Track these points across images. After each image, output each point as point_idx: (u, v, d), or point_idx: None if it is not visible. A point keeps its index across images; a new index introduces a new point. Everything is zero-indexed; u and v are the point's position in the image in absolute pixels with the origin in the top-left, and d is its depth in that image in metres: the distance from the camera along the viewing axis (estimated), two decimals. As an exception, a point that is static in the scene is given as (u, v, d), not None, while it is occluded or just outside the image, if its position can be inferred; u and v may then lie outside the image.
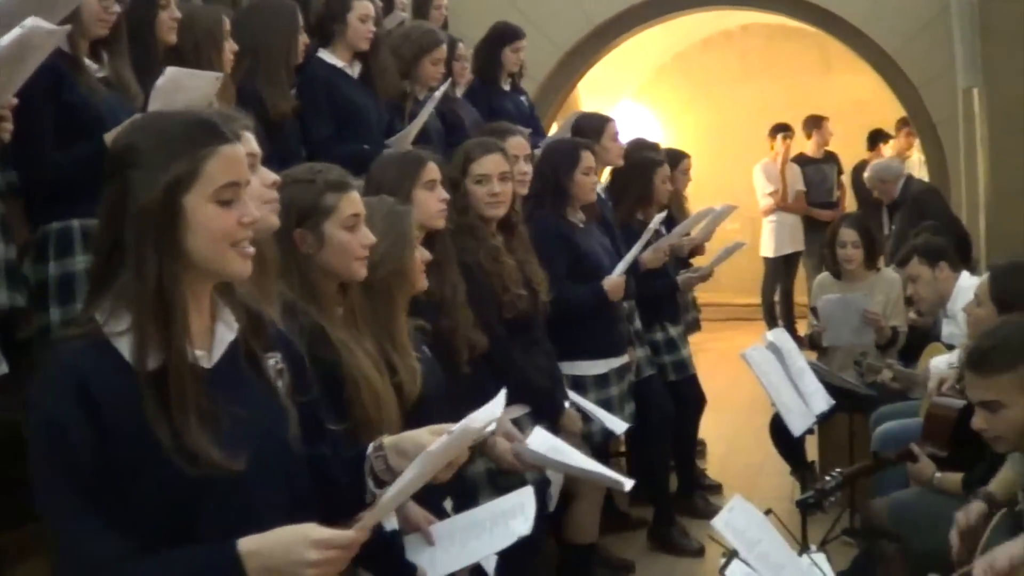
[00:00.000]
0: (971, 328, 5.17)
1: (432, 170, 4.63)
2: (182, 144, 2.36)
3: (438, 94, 6.24)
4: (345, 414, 3.43)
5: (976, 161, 9.63)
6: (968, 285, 6.06)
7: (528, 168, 5.78)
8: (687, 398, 7.47)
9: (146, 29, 4.91)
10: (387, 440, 2.80)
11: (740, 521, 3.60)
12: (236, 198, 2.41)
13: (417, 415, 3.70)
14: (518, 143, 5.72)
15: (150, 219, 2.31)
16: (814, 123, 13.31)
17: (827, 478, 5.14)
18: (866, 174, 10.25)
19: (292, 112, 5.80)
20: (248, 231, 2.42)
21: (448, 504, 4.07)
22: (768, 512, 3.92)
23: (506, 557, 3.55)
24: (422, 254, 4.08)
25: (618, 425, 5.74)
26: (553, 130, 9.71)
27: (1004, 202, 8.80)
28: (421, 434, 2.77)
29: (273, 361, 2.61)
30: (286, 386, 2.63)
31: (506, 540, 3.32)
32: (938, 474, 5.14)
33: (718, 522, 3.52)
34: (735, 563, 3.53)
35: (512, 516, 3.38)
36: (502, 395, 2.83)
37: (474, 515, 3.52)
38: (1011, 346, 3.67)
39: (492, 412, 2.71)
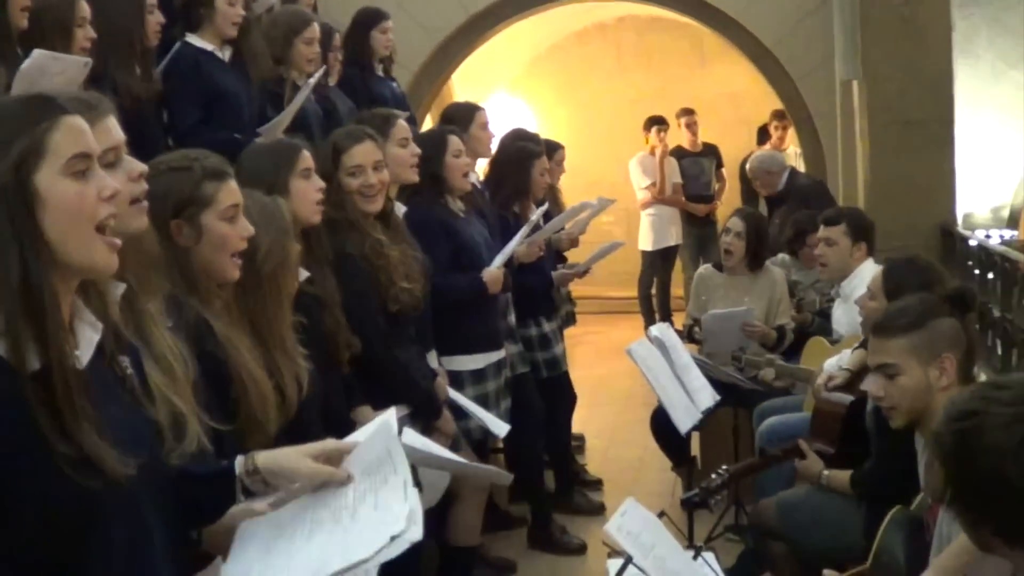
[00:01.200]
0: (865, 321, 5.14)
1: (307, 158, 4.41)
2: (20, 123, 2.17)
3: (312, 80, 6.02)
4: (231, 414, 3.21)
5: (855, 154, 9.65)
6: (866, 272, 6.01)
7: (419, 151, 5.59)
8: (559, 395, 7.36)
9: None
10: (260, 459, 2.61)
11: (634, 525, 3.46)
12: (90, 169, 2.21)
13: (296, 419, 3.57)
14: (404, 127, 5.55)
15: (3, 205, 2.11)
16: (683, 115, 13.26)
17: (712, 476, 5.08)
18: (749, 165, 10.20)
19: (154, 97, 5.58)
20: (110, 207, 2.22)
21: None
22: (661, 514, 3.80)
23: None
24: (297, 248, 3.88)
25: (500, 427, 5.61)
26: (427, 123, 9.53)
27: (883, 195, 8.83)
28: (296, 457, 2.61)
29: (125, 364, 2.41)
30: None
31: (395, 548, 3.12)
32: (826, 471, 5.09)
33: (611, 527, 3.37)
34: (630, 569, 3.39)
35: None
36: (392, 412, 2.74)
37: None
38: (912, 311, 3.68)
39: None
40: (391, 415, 2.82)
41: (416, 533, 2.95)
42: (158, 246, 2.99)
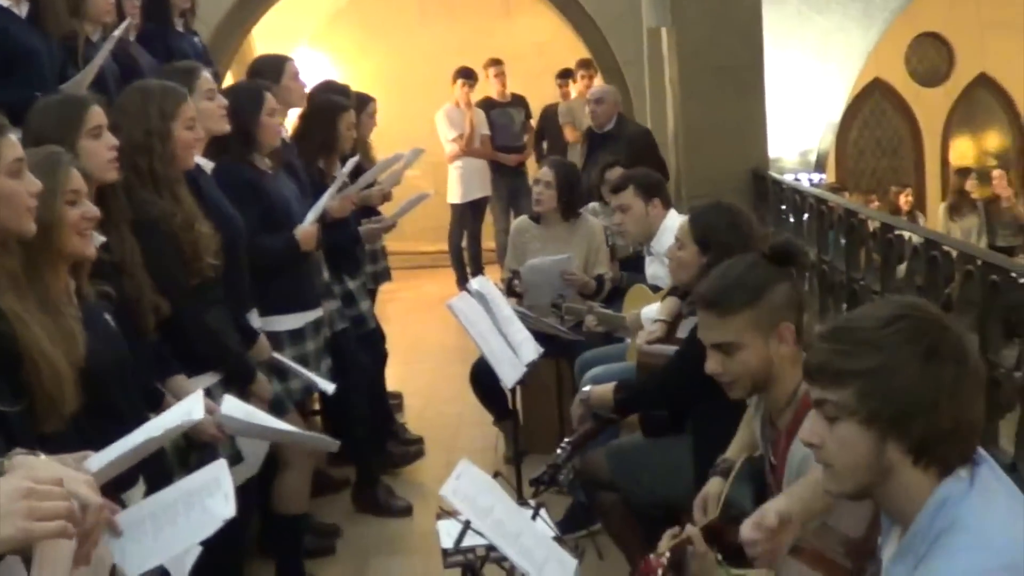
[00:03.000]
0: (674, 271, 5.10)
1: (97, 115, 4.17)
2: None
3: (117, 33, 5.73)
4: (20, 393, 2.99)
5: (664, 101, 9.65)
6: (672, 224, 5.98)
7: (225, 102, 5.37)
8: (369, 353, 7.19)
9: None
10: (18, 461, 2.39)
11: (469, 488, 3.35)
12: None
13: (98, 388, 3.42)
14: (208, 79, 5.33)
15: None
16: (490, 65, 13.16)
17: (557, 452, 5.03)
18: (597, 89, 10.08)
19: None
20: None
21: (139, 490, 3.67)
22: (496, 475, 3.70)
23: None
24: (88, 210, 3.63)
25: (327, 386, 5.46)
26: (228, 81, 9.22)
27: (694, 141, 8.84)
28: (53, 465, 2.39)
29: None
30: None
31: (209, 525, 2.96)
32: (587, 388, 5.16)
33: (447, 490, 3.27)
34: (469, 533, 3.29)
35: (208, 494, 3.03)
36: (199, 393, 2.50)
37: (161, 498, 3.12)
38: (747, 285, 3.54)
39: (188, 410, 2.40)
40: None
41: (226, 508, 2.82)
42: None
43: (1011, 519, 2.32)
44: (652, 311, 5.94)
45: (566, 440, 5.10)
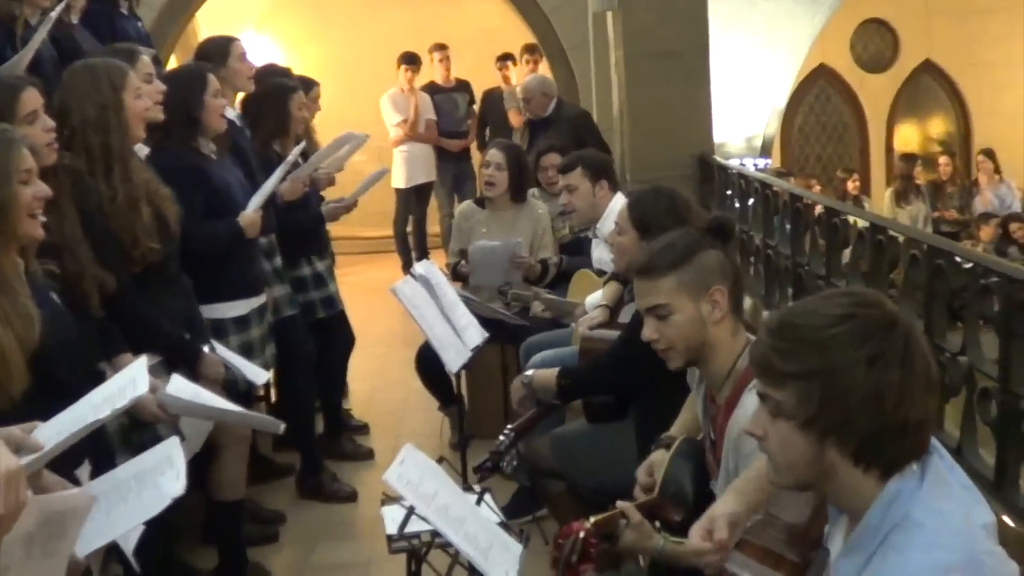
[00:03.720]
0: (617, 258, 5.06)
1: (31, 99, 4.12)
2: None
3: (54, 15, 5.63)
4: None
5: (610, 86, 9.63)
6: (619, 206, 5.96)
7: (163, 88, 5.31)
8: (336, 336, 7.21)
9: None
10: None
11: (413, 473, 3.31)
12: None
13: (45, 366, 3.40)
14: (148, 62, 5.26)
15: None
16: (435, 50, 13.11)
17: (499, 439, 5.01)
18: (525, 85, 10.03)
19: None
20: None
21: (86, 470, 3.63)
22: (441, 460, 3.67)
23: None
24: (40, 190, 3.58)
25: (259, 375, 5.42)
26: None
27: (640, 126, 8.85)
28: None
29: None
30: None
31: (158, 503, 2.94)
32: (529, 371, 5.16)
33: (390, 476, 3.23)
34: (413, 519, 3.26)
35: (160, 473, 3.01)
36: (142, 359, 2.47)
37: (115, 476, 3.11)
38: (676, 247, 3.56)
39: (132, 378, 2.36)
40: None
41: (175, 485, 2.80)
42: None
43: (964, 514, 2.30)
44: (597, 298, 5.93)
45: (509, 427, 5.08)
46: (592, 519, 3.28)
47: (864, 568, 2.30)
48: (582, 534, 3.21)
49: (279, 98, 6.75)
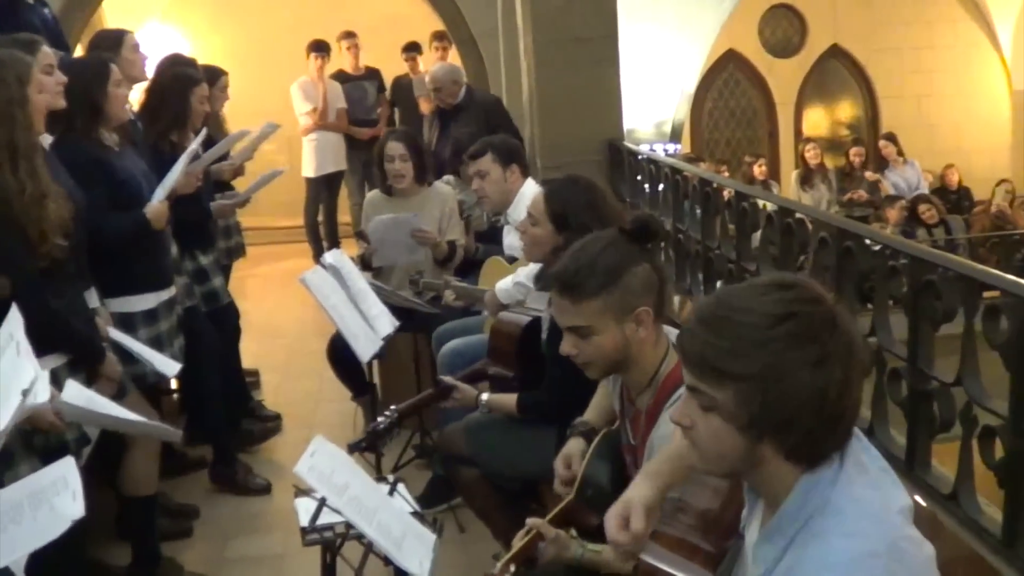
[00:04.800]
0: (528, 248, 4.99)
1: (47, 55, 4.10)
2: None
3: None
4: None
5: (519, 72, 9.62)
6: (529, 192, 5.95)
7: (64, 79, 5.22)
8: (222, 329, 7.08)
9: None
10: None
11: (325, 464, 3.28)
12: None
13: None
14: (48, 52, 5.16)
15: None
16: (344, 38, 13.05)
17: (379, 419, 4.98)
18: (434, 74, 9.96)
19: None
20: None
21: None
22: (352, 451, 3.65)
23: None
24: None
25: (169, 367, 5.34)
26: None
27: (550, 112, 8.82)
28: None
29: None
30: None
31: (57, 526, 2.88)
32: (485, 395, 5.04)
33: (301, 468, 3.20)
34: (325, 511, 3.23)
35: (55, 493, 2.94)
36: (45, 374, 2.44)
37: (9, 496, 3.03)
38: (601, 270, 3.43)
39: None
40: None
41: (74, 507, 2.76)
42: None
43: (882, 500, 2.29)
44: (507, 284, 5.92)
45: (393, 407, 5.06)
46: (509, 559, 3.28)
47: (783, 554, 2.28)
48: None
49: (180, 90, 6.64)
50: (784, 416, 2.23)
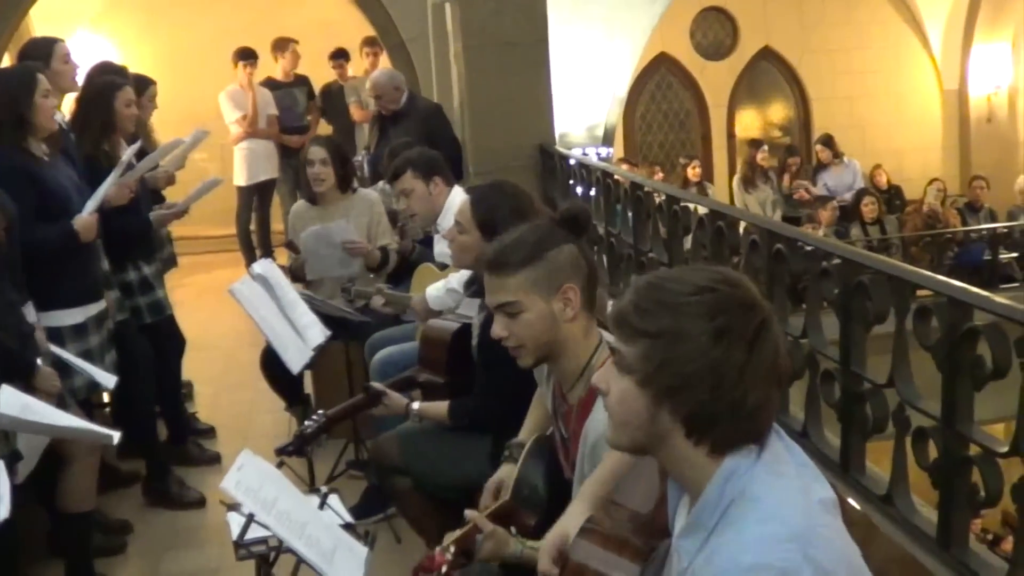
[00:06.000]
0: (456, 255, 4.98)
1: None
2: None
3: None
4: None
5: (450, 78, 9.60)
6: (459, 200, 5.93)
7: None
8: (166, 341, 7.04)
9: None
10: None
11: (252, 479, 3.24)
12: None
13: None
14: None
15: None
16: (281, 46, 12.98)
17: (307, 423, 4.94)
18: (375, 80, 9.91)
19: None
20: None
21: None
22: (281, 464, 3.61)
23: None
24: None
25: (108, 379, 5.28)
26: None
27: (481, 117, 8.81)
28: None
29: None
30: None
31: None
32: (416, 404, 5.02)
33: (228, 483, 3.16)
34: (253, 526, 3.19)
35: None
36: None
37: None
38: (526, 243, 3.48)
39: None
40: None
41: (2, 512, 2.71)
42: None
43: (800, 489, 2.30)
44: (437, 290, 5.90)
45: (321, 411, 5.03)
46: (449, 543, 3.25)
47: (704, 545, 2.29)
48: (445, 568, 3.18)
49: (104, 96, 6.55)
50: (678, 381, 2.28)
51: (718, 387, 2.26)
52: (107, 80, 6.72)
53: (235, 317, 7.62)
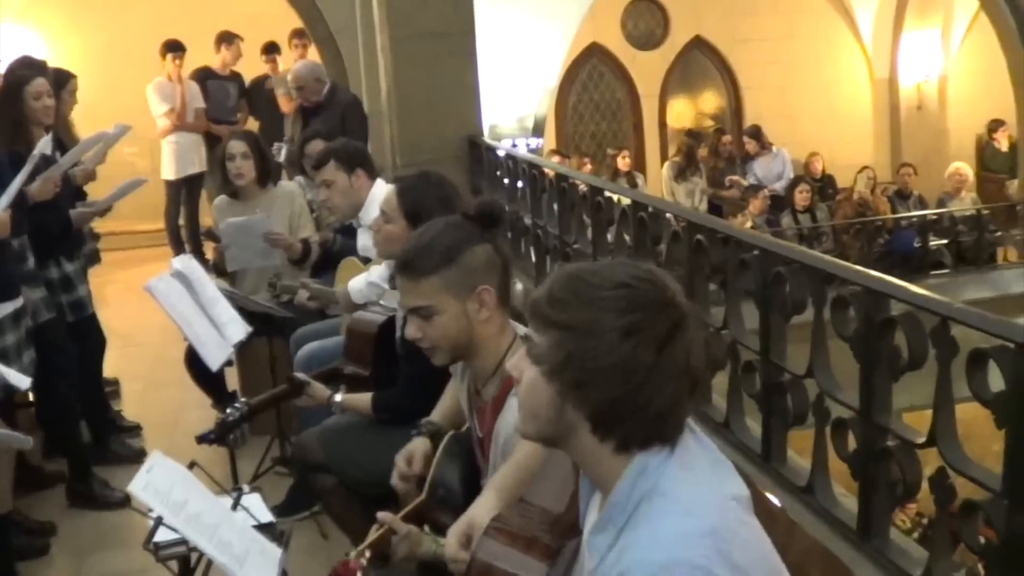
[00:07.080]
0: (381, 245, 4.98)
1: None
2: None
3: None
4: None
5: (378, 69, 9.55)
6: (380, 194, 5.89)
7: None
8: (86, 340, 6.97)
9: None
10: None
11: (162, 481, 3.19)
12: None
13: None
14: None
15: None
16: (227, 39, 12.88)
17: (228, 411, 4.90)
18: (296, 73, 9.85)
19: None
20: None
21: None
22: (192, 465, 3.55)
23: None
24: None
25: (21, 380, 5.20)
26: None
27: (409, 108, 8.75)
28: None
29: None
30: None
31: None
32: (339, 396, 4.99)
33: (136, 486, 3.11)
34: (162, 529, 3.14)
35: None
36: None
37: None
38: (439, 247, 3.45)
39: None
40: None
41: None
42: None
43: (713, 483, 2.28)
44: (360, 283, 5.86)
45: (243, 399, 4.99)
46: (363, 548, 3.23)
47: (615, 542, 2.26)
48: (359, 574, 3.15)
49: (12, 91, 6.46)
50: (583, 376, 2.26)
51: (624, 385, 2.24)
52: (15, 73, 6.62)
53: (163, 313, 7.53)
